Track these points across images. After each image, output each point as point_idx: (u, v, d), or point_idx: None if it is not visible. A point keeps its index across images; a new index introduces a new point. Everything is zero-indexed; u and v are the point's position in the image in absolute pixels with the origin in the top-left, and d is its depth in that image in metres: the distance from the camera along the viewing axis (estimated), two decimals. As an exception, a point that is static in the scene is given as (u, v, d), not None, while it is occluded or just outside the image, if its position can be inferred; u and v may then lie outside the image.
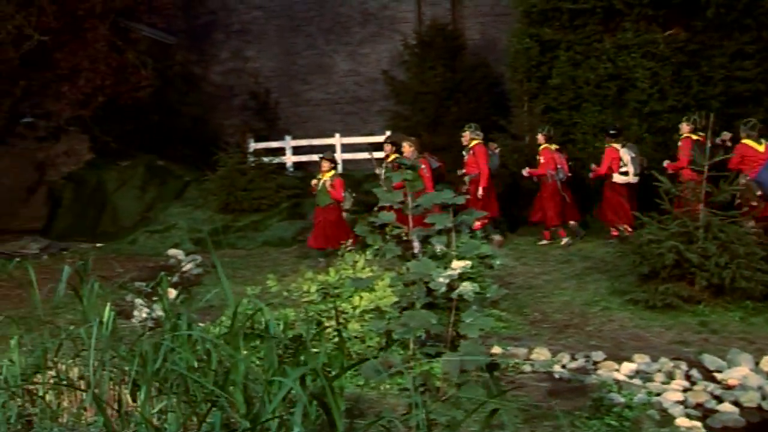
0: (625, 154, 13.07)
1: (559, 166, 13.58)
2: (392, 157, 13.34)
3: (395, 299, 6.21)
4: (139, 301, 10.09)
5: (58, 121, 17.92)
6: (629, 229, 12.52)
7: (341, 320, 7.01)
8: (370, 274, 7.68)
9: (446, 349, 4.26)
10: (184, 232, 16.18)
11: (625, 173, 13.09)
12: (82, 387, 4.33)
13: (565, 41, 14.58)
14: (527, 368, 7.32)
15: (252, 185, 16.71)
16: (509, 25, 16.34)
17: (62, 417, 4.30)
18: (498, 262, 4.67)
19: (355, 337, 6.95)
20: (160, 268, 12.71)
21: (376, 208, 11.39)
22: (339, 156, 17.51)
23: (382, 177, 13.27)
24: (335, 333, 6.43)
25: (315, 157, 17.50)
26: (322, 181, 12.92)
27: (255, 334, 4.65)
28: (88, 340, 4.50)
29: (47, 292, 5.57)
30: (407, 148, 12.82)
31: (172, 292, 9.06)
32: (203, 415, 3.65)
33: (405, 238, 4.64)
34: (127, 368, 4.34)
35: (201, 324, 4.88)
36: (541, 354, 7.69)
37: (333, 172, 13.04)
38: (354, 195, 13.68)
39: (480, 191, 13.18)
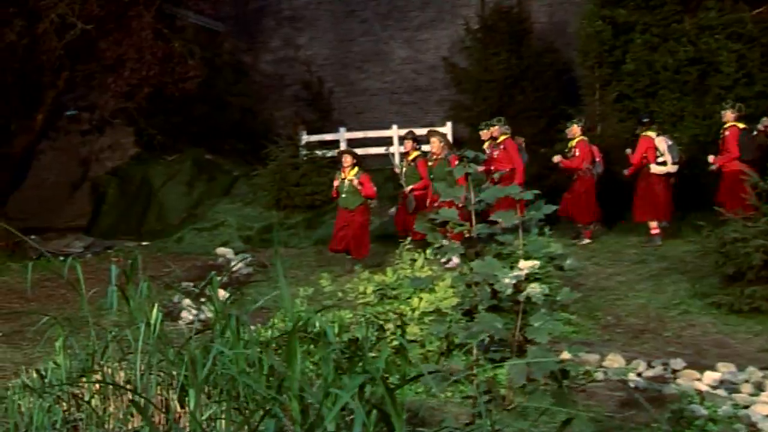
0: (662, 143, 12.84)
1: (597, 160, 13.40)
2: (413, 154, 13.25)
3: (457, 301, 6.19)
4: (186, 302, 10.24)
5: (103, 114, 18.25)
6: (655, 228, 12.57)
7: (400, 323, 7.01)
8: (430, 273, 7.67)
9: (512, 354, 4.24)
10: (233, 229, 16.39)
11: (663, 163, 12.86)
12: (129, 391, 4.42)
13: (641, 23, 14.35)
14: (600, 376, 7.24)
15: (304, 180, 16.82)
16: (579, 6, 16.17)
17: (108, 422, 4.38)
18: (569, 262, 4.62)
19: (414, 341, 6.95)
20: (209, 267, 12.88)
21: (435, 204, 11.37)
22: (396, 149, 17.48)
23: (402, 178, 13.19)
24: (394, 337, 6.44)
25: (372, 151, 17.58)
26: (346, 180, 12.50)
27: (309, 338, 4.67)
28: (134, 342, 4.57)
29: (92, 292, 5.68)
30: (437, 143, 12.66)
31: (222, 293, 9.18)
32: (255, 423, 3.68)
33: (468, 235, 4.62)
34: (175, 372, 4.40)
35: (252, 327, 4.93)
36: (615, 361, 7.60)
37: (357, 168, 12.57)
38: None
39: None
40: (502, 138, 13.62)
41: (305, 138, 18.97)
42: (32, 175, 20.03)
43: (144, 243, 16.82)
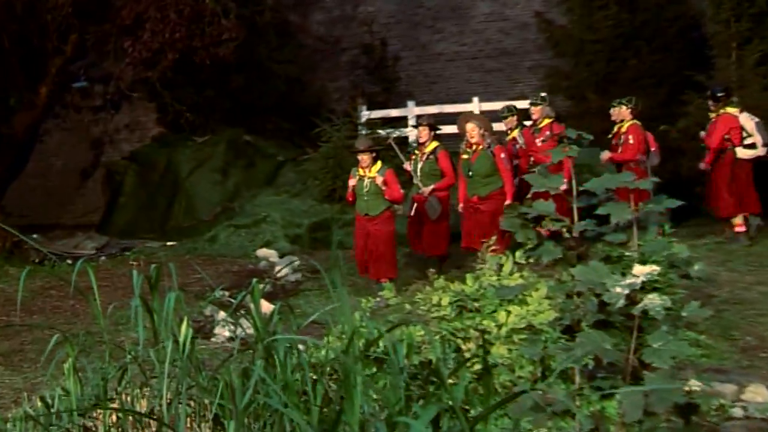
0: (748, 120, 12.64)
1: (652, 150, 13.18)
2: (431, 146, 12.73)
3: (554, 315, 6.15)
4: (221, 315, 10.35)
5: (119, 86, 18.51)
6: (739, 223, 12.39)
7: (483, 342, 7.01)
8: (521, 281, 7.65)
9: (625, 382, 4.20)
10: (277, 227, 16.51)
11: (752, 145, 12.64)
12: (153, 423, 4.49)
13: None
14: (737, 412, 7.14)
15: (364, 166, 16.89)
16: (711, -56, 15.92)
17: (128, 461, 4.46)
18: (697, 268, 4.56)
19: (501, 365, 6.94)
20: (248, 273, 13.00)
21: (529, 196, 11.27)
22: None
23: (417, 176, 12.64)
24: (475, 359, 6.44)
25: (447, 129, 17.53)
26: (366, 179, 11.87)
27: (373, 361, 4.70)
28: (159, 364, 4.64)
29: (106, 302, 5.78)
30: (476, 131, 12.19)
31: (265, 305, 9.26)
32: (305, 463, 3.72)
33: (568, 234, 4.60)
34: (208, 401, 4.46)
35: (302, 346, 4.96)
36: (757, 393, 7.49)
37: (379, 163, 11.93)
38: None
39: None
40: (545, 122, 13.48)
41: (365, 114, 19.04)
42: (35, 161, 20.45)
43: (169, 243, 17.06)
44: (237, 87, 19.75)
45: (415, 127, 14.42)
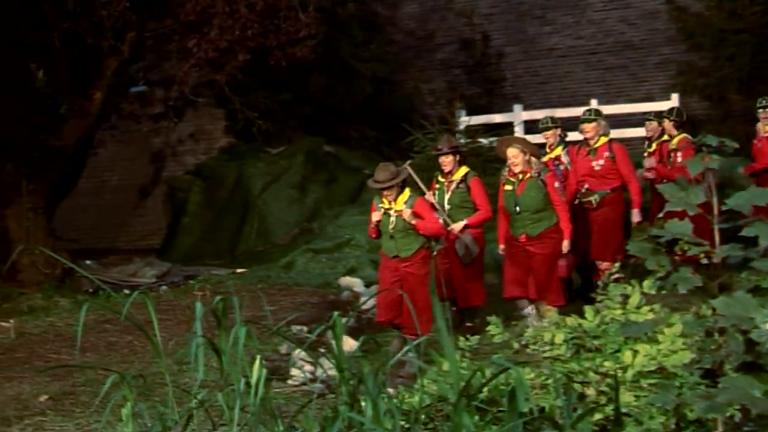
0: None
1: None
2: (460, 171, 11.98)
3: (691, 356, 6.05)
4: (299, 354, 10.40)
5: (182, 90, 18.74)
6: None
7: (605, 387, 6.93)
8: (650, 316, 7.55)
9: (778, 437, 4.13)
10: (362, 251, 16.53)
11: None
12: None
13: None
14: None
15: (465, 180, 16.87)
16: None
17: None
18: None
19: (627, 415, 6.85)
20: (330, 304, 13.04)
21: (661, 215, 11.04)
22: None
23: (444, 210, 11.81)
24: (597, 407, 6.37)
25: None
26: (393, 213, 10.88)
27: (476, 408, 4.67)
28: (228, 410, 4.67)
29: (168, 338, 5.83)
30: (519, 156, 11.23)
31: (348, 341, 9.26)
32: None
33: (707, 260, 4.53)
34: (284, 453, 4.48)
35: (392, 390, 4.96)
36: None
37: (408, 192, 11.03)
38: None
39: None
40: (601, 141, 12.94)
41: (464, 120, 19.00)
42: (88, 177, 20.84)
43: (239, 270, 17.20)
44: (317, 90, 19.89)
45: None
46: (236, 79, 18.09)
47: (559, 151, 12.92)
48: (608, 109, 18.70)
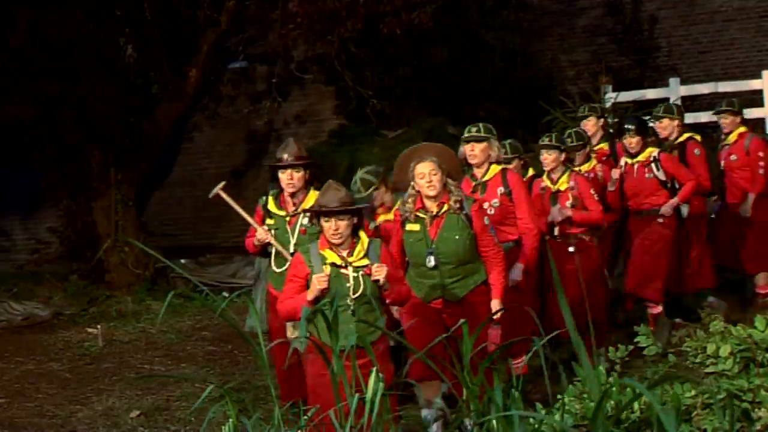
0: None
1: None
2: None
3: None
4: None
5: (287, 66, 18.82)
6: None
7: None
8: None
9: None
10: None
11: None
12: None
13: None
14: None
15: (613, 167, 16.72)
16: None
17: None
18: None
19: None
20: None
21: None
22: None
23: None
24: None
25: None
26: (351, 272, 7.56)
27: (625, 429, 4.62)
28: (340, 429, 4.66)
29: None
30: (435, 174, 8.92)
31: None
32: None
33: None
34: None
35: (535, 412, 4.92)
36: None
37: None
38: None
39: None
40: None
41: (611, 97, 18.81)
42: (182, 165, 21.06)
43: (352, 269, 17.26)
44: (439, 64, 19.80)
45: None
46: (348, 53, 18.09)
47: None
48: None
